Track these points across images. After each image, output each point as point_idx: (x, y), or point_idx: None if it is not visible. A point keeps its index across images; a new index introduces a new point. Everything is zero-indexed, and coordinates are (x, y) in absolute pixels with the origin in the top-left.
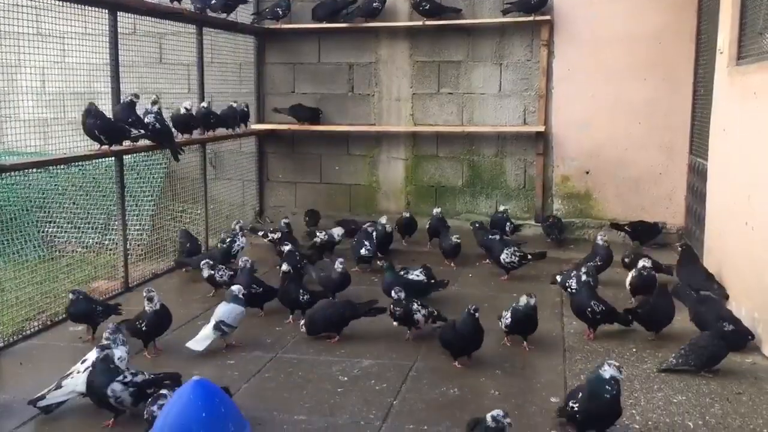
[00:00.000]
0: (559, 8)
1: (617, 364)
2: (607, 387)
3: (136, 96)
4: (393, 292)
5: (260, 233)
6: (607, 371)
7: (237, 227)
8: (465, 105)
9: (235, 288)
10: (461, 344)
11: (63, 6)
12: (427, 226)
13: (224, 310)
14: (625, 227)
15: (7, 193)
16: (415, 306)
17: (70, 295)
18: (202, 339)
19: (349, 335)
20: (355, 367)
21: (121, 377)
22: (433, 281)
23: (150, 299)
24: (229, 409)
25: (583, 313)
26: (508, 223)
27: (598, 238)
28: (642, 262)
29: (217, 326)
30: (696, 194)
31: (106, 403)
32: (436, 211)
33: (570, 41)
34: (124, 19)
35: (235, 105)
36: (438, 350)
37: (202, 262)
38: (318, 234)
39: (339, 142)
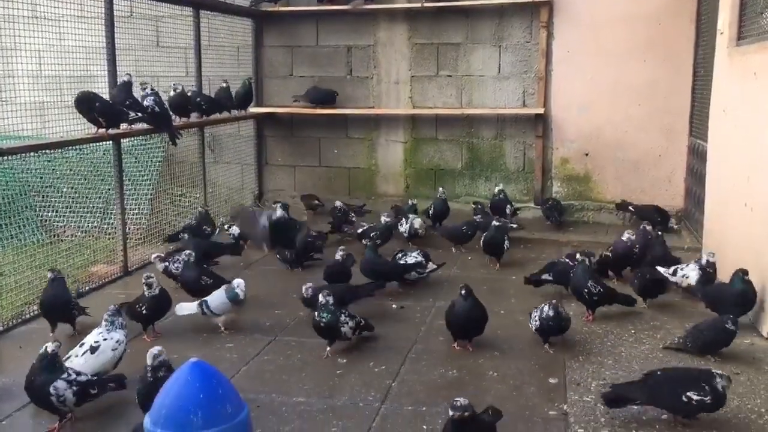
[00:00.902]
0: None
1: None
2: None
3: (129, 75)
4: (321, 296)
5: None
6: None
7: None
8: (464, 87)
9: (236, 281)
10: (460, 324)
11: None
12: (431, 210)
13: (214, 295)
14: (630, 207)
15: (4, 177)
16: (343, 317)
17: (49, 275)
18: (186, 308)
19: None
20: (354, 350)
21: (65, 375)
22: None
23: (149, 285)
24: (227, 390)
25: (581, 294)
26: (508, 206)
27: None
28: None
29: (200, 304)
30: (696, 176)
31: (46, 402)
32: (440, 190)
33: (569, 23)
34: (121, 2)
35: (225, 85)
36: (436, 332)
37: (153, 255)
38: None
39: (338, 125)
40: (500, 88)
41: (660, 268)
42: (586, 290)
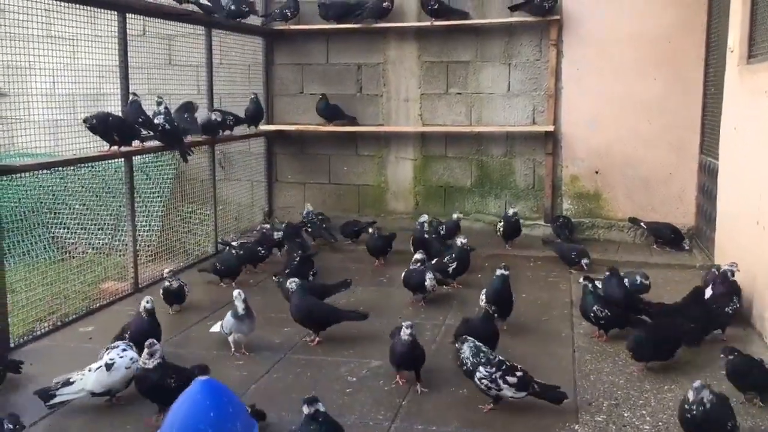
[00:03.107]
0: (568, 8)
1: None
2: None
3: (135, 94)
4: None
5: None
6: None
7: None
8: (473, 105)
9: (234, 292)
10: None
11: (73, 9)
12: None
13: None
14: (642, 224)
15: (17, 194)
16: None
17: None
18: (216, 326)
19: (357, 336)
20: (364, 368)
21: None
22: None
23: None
24: (237, 408)
25: (588, 318)
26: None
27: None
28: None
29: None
30: (707, 194)
31: None
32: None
33: (579, 41)
34: (134, 21)
35: (213, 116)
36: (447, 351)
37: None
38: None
39: (347, 143)
40: (510, 105)
41: None
42: (592, 314)
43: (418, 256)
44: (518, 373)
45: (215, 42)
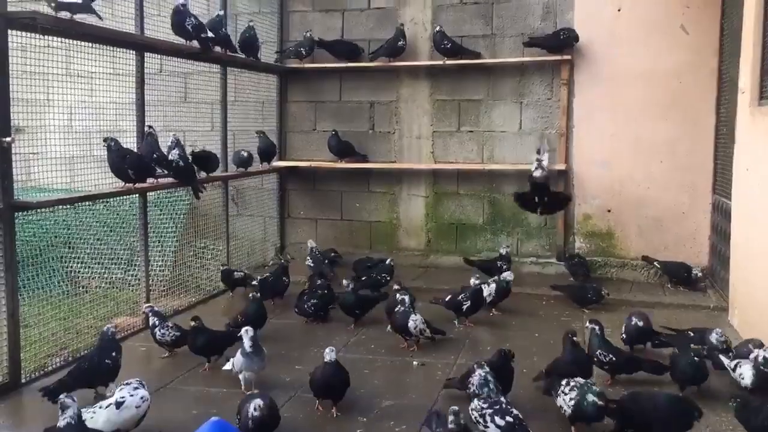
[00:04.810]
0: (579, 47)
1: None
2: None
3: (150, 127)
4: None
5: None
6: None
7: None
8: (485, 143)
9: (243, 330)
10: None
11: (93, 47)
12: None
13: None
14: (655, 263)
15: (33, 228)
16: None
17: None
18: (228, 363)
19: (369, 375)
20: (375, 408)
21: None
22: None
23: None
24: None
25: (593, 362)
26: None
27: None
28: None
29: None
30: (720, 233)
31: None
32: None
33: (590, 80)
34: (151, 59)
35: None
36: (457, 391)
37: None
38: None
39: (359, 179)
40: (521, 143)
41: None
42: (596, 358)
43: (403, 297)
44: (508, 418)
45: (230, 79)
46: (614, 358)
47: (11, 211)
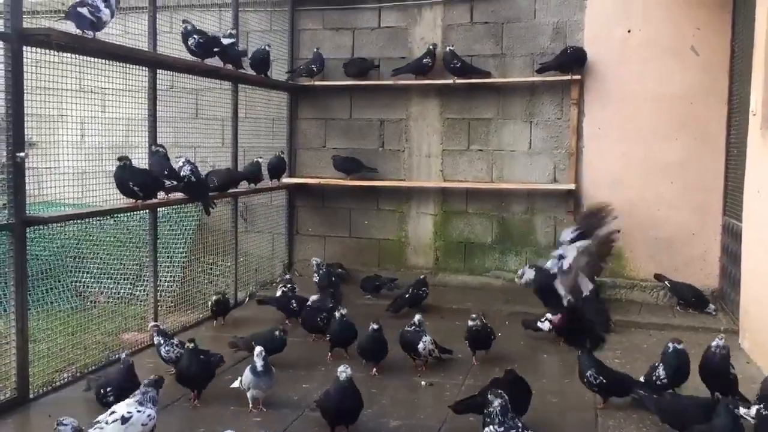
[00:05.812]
0: (590, 68)
1: None
2: None
3: (162, 146)
4: None
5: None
6: None
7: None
8: (495, 162)
9: (256, 350)
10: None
11: (106, 64)
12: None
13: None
14: (666, 282)
15: (44, 243)
16: None
17: None
18: (236, 381)
19: (377, 395)
20: (382, 428)
21: None
22: None
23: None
24: None
25: (582, 382)
26: None
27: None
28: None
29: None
30: (731, 255)
31: None
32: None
33: (600, 100)
34: (163, 76)
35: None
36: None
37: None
38: None
39: (368, 197)
40: (531, 163)
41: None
42: (585, 380)
43: (417, 317)
44: None
45: (241, 96)
46: (603, 381)
47: (23, 226)
